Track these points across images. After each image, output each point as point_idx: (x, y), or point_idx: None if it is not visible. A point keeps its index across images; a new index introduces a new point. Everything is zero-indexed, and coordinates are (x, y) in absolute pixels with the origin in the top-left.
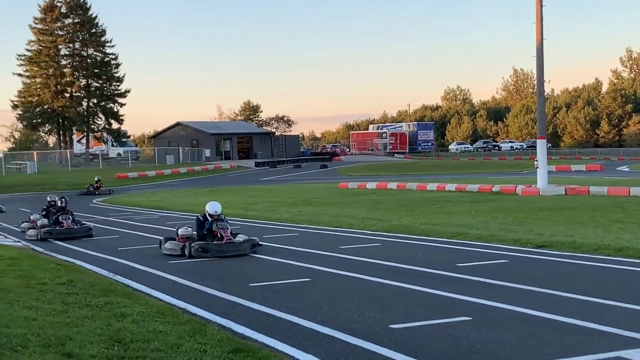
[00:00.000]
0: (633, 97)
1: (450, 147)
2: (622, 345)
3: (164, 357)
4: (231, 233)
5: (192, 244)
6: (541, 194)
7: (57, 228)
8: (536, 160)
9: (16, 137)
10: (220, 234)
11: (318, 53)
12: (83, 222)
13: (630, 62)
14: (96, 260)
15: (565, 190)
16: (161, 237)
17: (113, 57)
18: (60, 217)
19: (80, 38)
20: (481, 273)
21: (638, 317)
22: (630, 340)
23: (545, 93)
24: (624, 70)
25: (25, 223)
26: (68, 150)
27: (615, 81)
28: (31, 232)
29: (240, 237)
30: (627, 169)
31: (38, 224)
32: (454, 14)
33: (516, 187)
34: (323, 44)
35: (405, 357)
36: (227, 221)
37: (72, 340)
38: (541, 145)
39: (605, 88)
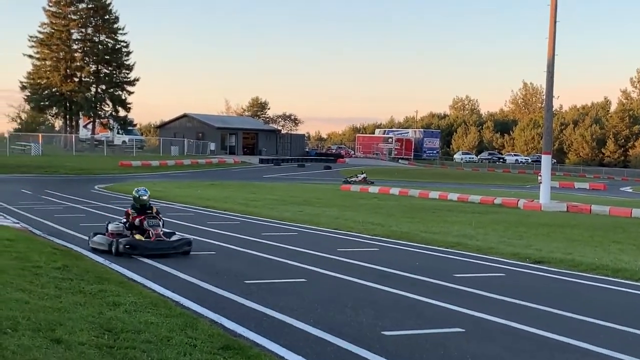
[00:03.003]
0: None
1: (455, 156)
2: None
3: (153, 349)
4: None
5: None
6: (543, 209)
7: None
8: (540, 175)
9: (22, 118)
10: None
11: (330, 54)
12: None
13: None
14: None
15: (567, 207)
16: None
17: (124, 44)
18: None
19: (93, 23)
20: (477, 285)
21: (632, 339)
22: None
23: (554, 109)
24: (633, 91)
25: None
26: (73, 135)
27: (625, 101)
28: None
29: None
30: (630, 190)
31: None
32: (468, 23)
33: (518, 200)
34: (334, 46)
35: None
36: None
37: (63, 326)
38: (546, 160)
39: (613, 107)
